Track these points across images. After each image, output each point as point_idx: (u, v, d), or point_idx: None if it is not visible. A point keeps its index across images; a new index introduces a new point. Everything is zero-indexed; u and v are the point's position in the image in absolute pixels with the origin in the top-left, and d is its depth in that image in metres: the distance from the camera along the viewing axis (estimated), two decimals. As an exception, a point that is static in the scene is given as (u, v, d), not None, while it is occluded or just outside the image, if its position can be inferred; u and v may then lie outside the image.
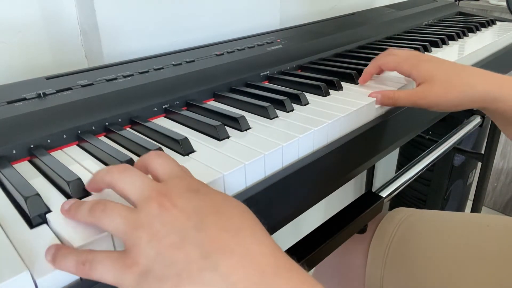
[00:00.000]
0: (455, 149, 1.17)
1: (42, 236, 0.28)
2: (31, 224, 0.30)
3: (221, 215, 0.26)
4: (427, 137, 1.15)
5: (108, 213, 0.27)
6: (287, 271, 0.24)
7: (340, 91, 0.57)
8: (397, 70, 0.55)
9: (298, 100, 0.52)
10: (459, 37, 0.86)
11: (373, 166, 1.44)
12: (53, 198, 0.33)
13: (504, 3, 1.20)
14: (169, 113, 0.50)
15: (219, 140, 0.43)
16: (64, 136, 0.42)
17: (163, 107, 0.50)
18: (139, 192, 0.27)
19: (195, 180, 0.30)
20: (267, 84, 0.61)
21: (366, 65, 0.63)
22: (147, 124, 0.45)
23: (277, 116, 0.48)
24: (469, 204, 1.33)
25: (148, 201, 0.26)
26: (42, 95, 0.45)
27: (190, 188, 0.28)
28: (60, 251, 0.26)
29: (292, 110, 0.50)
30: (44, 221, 0.30)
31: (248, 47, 0.66)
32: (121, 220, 0.26)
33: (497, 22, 1.03)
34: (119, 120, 0.46)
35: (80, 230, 0.29)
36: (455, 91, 0.48)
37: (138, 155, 0.40)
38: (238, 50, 0.64)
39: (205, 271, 0.24)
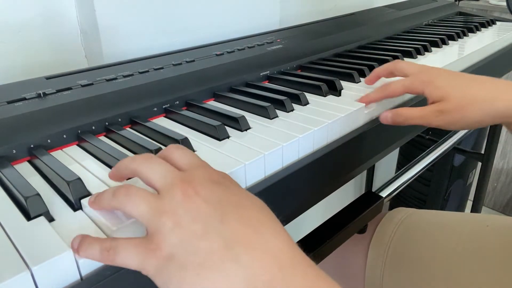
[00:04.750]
0: (455, 149, 1.17)
1: (43, 236, 0.28)
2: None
3: (243, 209, 0.27)
4: (427, 137, 1.15)
5: (132, 197, 0.27)
6: (304, 266, 0.25)
7: (340, 91, 0.57)
8: (407, 90, 0.50)
9: (298, 100, 0.52)
10: (459, 37, 0.86)
11: (373, 166, 1.43)
12: (53, 198, 0.33)
13: (504, 3, 1.20)
14: (169, 113, 0.50)
15: (219, 140, 0.43)
16: (64, 136, 0.42)
17: (163, 107, 0.50)
18: (163, 179, 0.28)
19: (216, 171, 0.30)
20: (267, 84, 0.61)
21: (366, 65, 0.63)
22: (147, 124, 0.45)
23: (277, 116, 0.48)
24: (469, 204, 1.33)
25: (172, 188, 0.27)
26: (42, 95, 0.45)
27: (212, 178, 0.29)
28: (86, 239, 0.27)
29: (292, 110, 0.50)
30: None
31: (248, 47, 0.66)
32: (145, 205, 0.27)
33: (497, 22, 1.03)
34: (119, 120, 0.46)
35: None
36: (472, 108, 0.44)
37: (138, 155, 0.40)
38: (238, 50, 0.64)
39: (227, 261, 0.24)
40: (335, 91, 0.56)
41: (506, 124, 0.48)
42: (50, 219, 0.31)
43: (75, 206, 0.32)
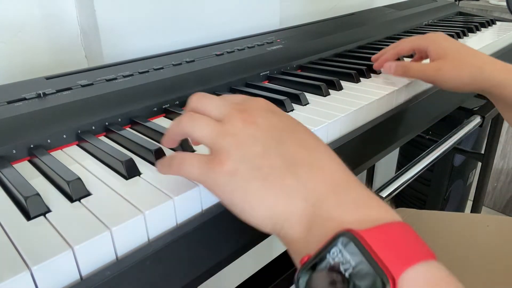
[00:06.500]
0: (455, 149, 1.17)
1: (43, 235, 0.28)
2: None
3: (298, 133, 0.30)
4: (427, 137, 1.15)
5: (197, 122, 0.30)
6: (357, 187, 0.27)
7: (340, 91, 0.57)
8: (414, 46, 0.58)
9: (298, 100, 0.52)
10: (459, 37, 0.86)
11: (373, 166, 1.44)
12: (53, 198, 0.33)
13: (504, 3, 1.20)
14: (169, 113, 0.50)
15: (219, 140, 0.43)
16: (64, 136, 0.42)
17: (163, 107, 0.50)
18: (221, 110, 0.30)
19: (269, 103, 0.32)
20: (267, 84, 0.61)
21: (366, 65, 0.63)
22: (147, 124, 0.45)
23: (277, 116, 0.48)
24: (469, 204, 1.33)
25: (232, 116, 0.30)
26: (42, 95, 0.45)
27: (267, 108, 0.31)
28: (160, 159, 0.32)
29: (292, 110, 0.50)
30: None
31: (248, 47, 0.66)
32: (210, 128, 0.29)
33: (497, 22, 1.03)
34: (119, 120, 0.46)
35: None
36: (465, 70, 0.51)
37: (138, 155, 0.40)
38: (238, 50, 0.64)
39: (287, 177, 0.27)
40: (335, 91, 0.56)
41: (489, 94, 0.53)
42: (47, 212, 0.31)
43: (73, 198, 0.32)
